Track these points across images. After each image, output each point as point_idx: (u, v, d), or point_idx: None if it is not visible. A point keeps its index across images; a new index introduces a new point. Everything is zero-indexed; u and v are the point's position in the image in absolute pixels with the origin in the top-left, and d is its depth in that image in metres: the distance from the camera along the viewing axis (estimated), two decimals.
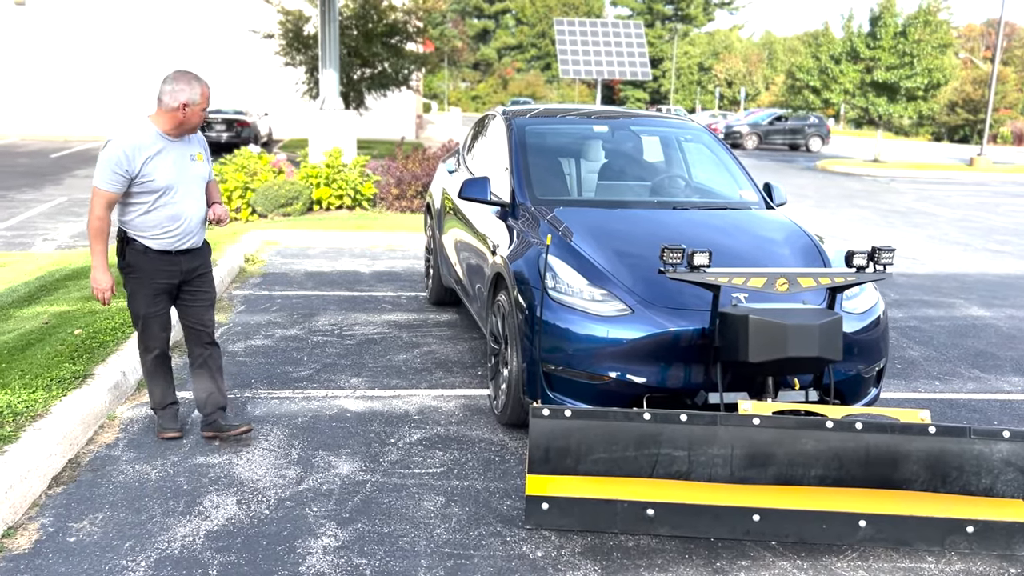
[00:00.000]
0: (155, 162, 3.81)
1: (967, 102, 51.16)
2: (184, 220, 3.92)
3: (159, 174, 3.82)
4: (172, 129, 3.86)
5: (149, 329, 4.03)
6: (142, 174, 3.78)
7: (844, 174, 24.68)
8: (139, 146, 3.78)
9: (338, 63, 13.55)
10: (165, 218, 3.88)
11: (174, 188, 3.87)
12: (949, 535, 3.34)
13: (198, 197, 3.99)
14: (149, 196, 3.84)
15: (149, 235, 3.89)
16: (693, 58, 75.87)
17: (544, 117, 5.96)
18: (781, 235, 4.67)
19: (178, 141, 3.92)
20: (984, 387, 5.46)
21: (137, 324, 4.04)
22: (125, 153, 3.74)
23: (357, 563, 3.12)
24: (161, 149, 3.84)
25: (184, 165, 3.92)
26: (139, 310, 3.98)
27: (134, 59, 32.00)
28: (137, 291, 3.96)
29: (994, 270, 9.85)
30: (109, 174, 3.75)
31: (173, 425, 4.15)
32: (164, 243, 3.92)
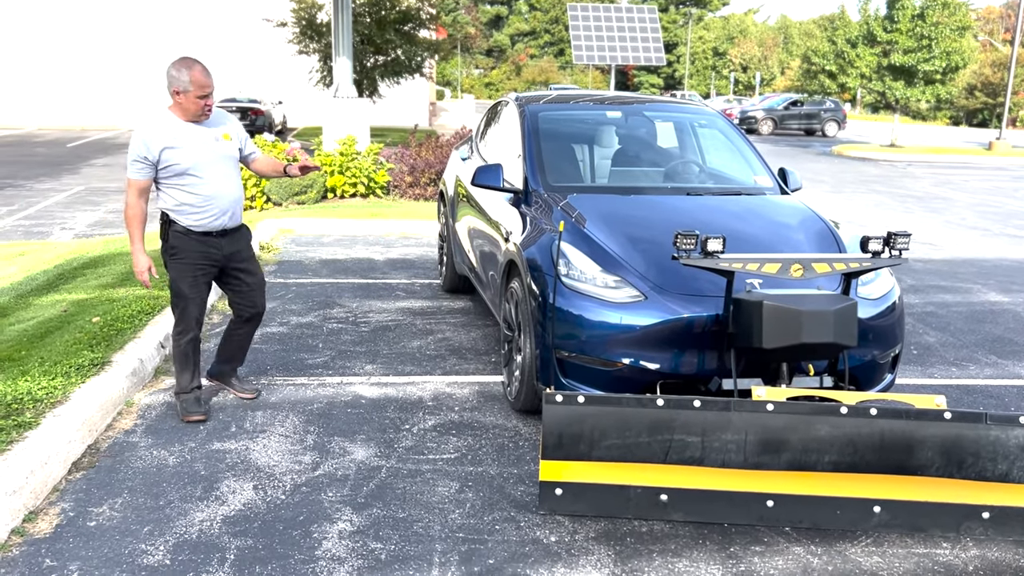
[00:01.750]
0: (174, 147, 3.94)
1: (986, 85, 50.53)
2: (216, 198, 4.04)
3: (180, 157, 3.95)
4: (182, 115, 3.98)
5: (187, 312, 4.15)
6: (163, 159, 3.94)
7: (860, 159, 24.46)
8: (156, 133, 3.93)
9: (351, 51, 13.55)
10: (197, 198, 4.01)
11: (200, 168, 3.99)
12: (965, 521, 3.33)
13: (228, 175, 4.12)
14: (176, 179, 3.98)
15: (186, 216, 4.04)
16: (708, 43, 75.28)
17: (557, 103, 5.94)
18: (796, 220, 4.64)
19: (199, 125, 4.02)
20: (1001, 373, 5.43)
21: (176, 307, 4.16)
22: (144, 142, 3.92)
23: (372, 547, 3.15)
24: (179, 134, 3.96)
25: (208, 146, 4.04)
26: (181, 292, 4.12)
27: (149, 48, 32.10)
28: (180, 274, 4.10)
29: (1012, 255, 9.75)
30: (133, 163, 3.95)
31: (197, 408, 4.24)
32: (201, 223, 4.05)
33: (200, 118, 4.00)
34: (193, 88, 3.89)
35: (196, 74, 3.89)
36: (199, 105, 3.93)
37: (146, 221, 4.11)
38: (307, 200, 11.26)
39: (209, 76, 3.93)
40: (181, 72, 3.88)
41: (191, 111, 3.95)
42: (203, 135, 4.02)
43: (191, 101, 3.91)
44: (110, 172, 17.56)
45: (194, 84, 3.88)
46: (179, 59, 3.95)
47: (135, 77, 32.02)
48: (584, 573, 3.02)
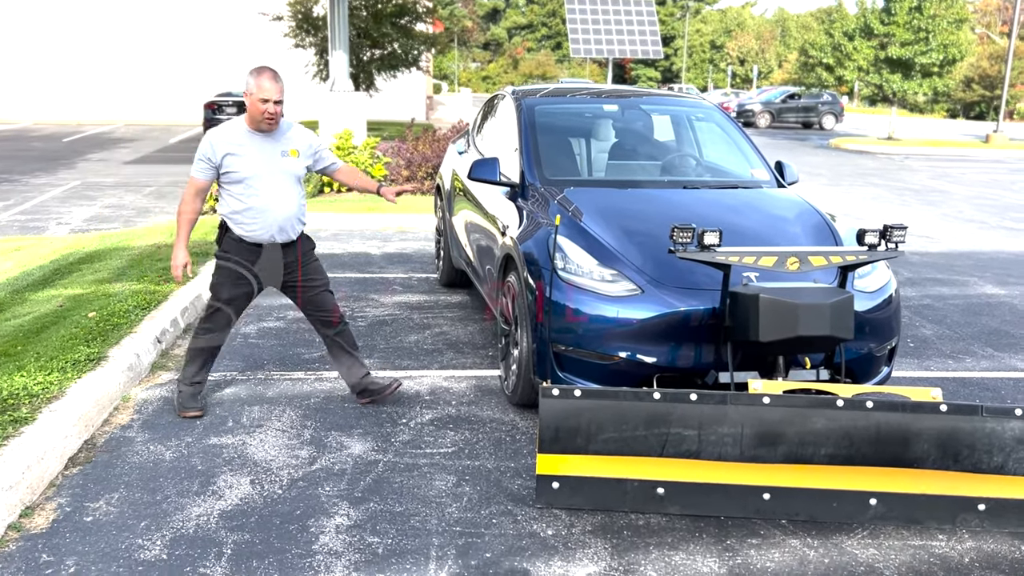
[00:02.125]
0: (238, 155, 4.00)
1: (983, 78, 50.52)
2: (267, 212, 4.06)
3: (240, 165, 4.00)
4: (249, 122, 4.04)
5: (218, 316, 4.20)
6: (224, 164, 4.01)
7: (858, 152, 24.46)
8: (224, 139, 4.01)
9: (347, 44, 13.51)
10: (248, 208, 4.06)
11: (257, 180, 4.03)
12: (960, 513, 3.34)
13: (285, 191, 4.10)
14: (233, 186, 4.05)
15: (237, 224, 4.10)
16: (705, 36, 75.16)
17: (554, 96, 5.92)
18: (792, 214, 4.64)
19: (267, 137, 4.07)
20: (998, 365, 5.44)
21: (209, 307, 4.24)
22: (211, 144, 4.01)
23: (369, 541, 3.15)
24: (244, 142, 4.02)
25: (271, 159, 4.06)
26: (218, 296, 4.19)
27: (146, 43, 32.03)
28: (221, 279, 4.16)
29: (1009, 248, 9.76)
30: (197, 163, 4.04)
31: (194, 404, 4.25)
32: (250, 233, 4.09)
33: (261, 125, 4.02)
34: (256, 91, 3.92)
35: (262, 79, 3.93)
36: (260, 110, 3.96)
37: (196, 221, 4.14)
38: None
39: (276, 83, 3.95)
40: (251, 76, 3.96)
41: (254, 117, 3.99)
42: (268, 148, 4.06)
43: (254, 105, 3.95)
44: (106, 167, 17.52)
45: (258, 88, 3.92)
46: (255, 67, 4.02)
47: (132, 72, 31.93)
48: (581, 566, 3.03)
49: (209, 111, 24.60)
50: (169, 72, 31.85)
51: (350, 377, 4.42)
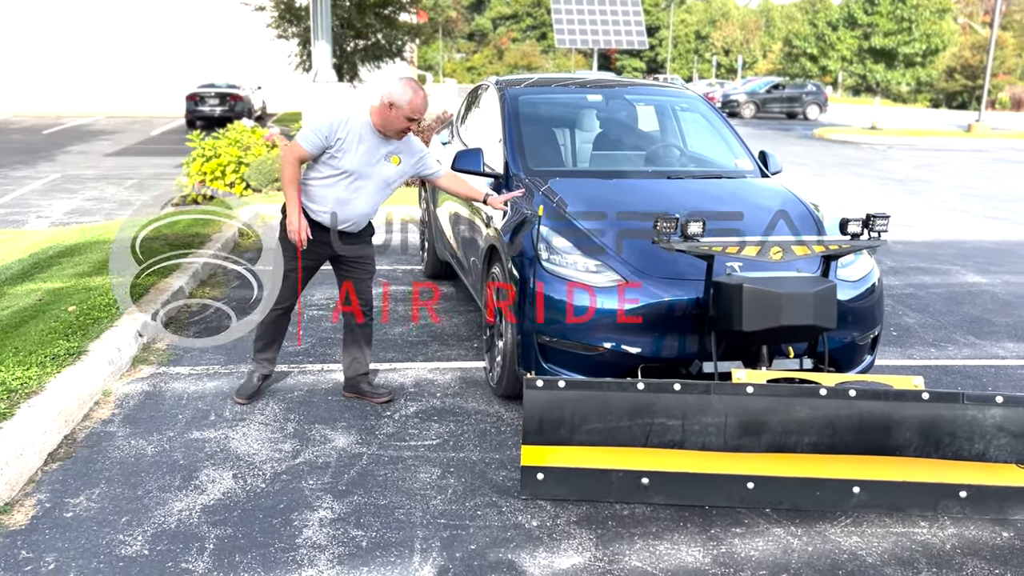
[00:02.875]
0: (350, 145, 3.95)
1: (965, 68, 50.82)
2: (350, 209, 4.06)
3: (347, 158, 3.96)
4: (377, 123, 3.99)
5: (284, 286, 4.18)
6: (335, 149, 3.95)
7: (842, 142, 24.55)
8: (345, 123, 3.94)
9: (330, 35, 13.40)
10: (334, 199, 4.03)
11: (355, 177, 4.01)
12: (942, 500, 3.36)
13: (371, 193, 4.10)
14: (330, 171, 4.00)
15: (314, 205, 4.06)
16: (690, 26, 75.17)
17: (537, 87, 5.90)
18: (776, 203, 4.64)
19: (382, 138, 4.04)
20: (979, 353, 5.47)
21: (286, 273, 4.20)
22: (332, 122, 3.94)
23: (353, 535, 3.14)
24: (362, 138, 3.97)
25: (375, 161, 4.04)
26: (284, 265, 4.16)
27: (127, 34, 31.69)
28: (286, 248, 4.12)
29: (991, 237, 9.84)
30: (310, 134, 3.95)
31: (247, 390, 4.31)
32: (323, 219, 4.08)
33: (389, 135, 4.02)
34: (406, 109, 3.89)
35: (417, 100, 3.89)
36: (402, 127, 3.96)
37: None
38: None
39: (426, 108, 3.95)
40: (406, 91, 3.88)
41: (388, 126, 3.97)
42: (378, 150, 4.04)
43: (397, 119, 3.92)
44: (87, 159, 17.35)
45: (409, 107, 3.88)
46: (409, 79, 3.97)
47: (112, 63, 31.59)
48: (566, 557, 3.03)
49: (191, 103, 24.40)
50: (150, 63, 31.54)
51: (349, 369, 4.40)
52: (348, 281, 4.29)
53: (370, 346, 4.45)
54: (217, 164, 11.15)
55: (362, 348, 4.39)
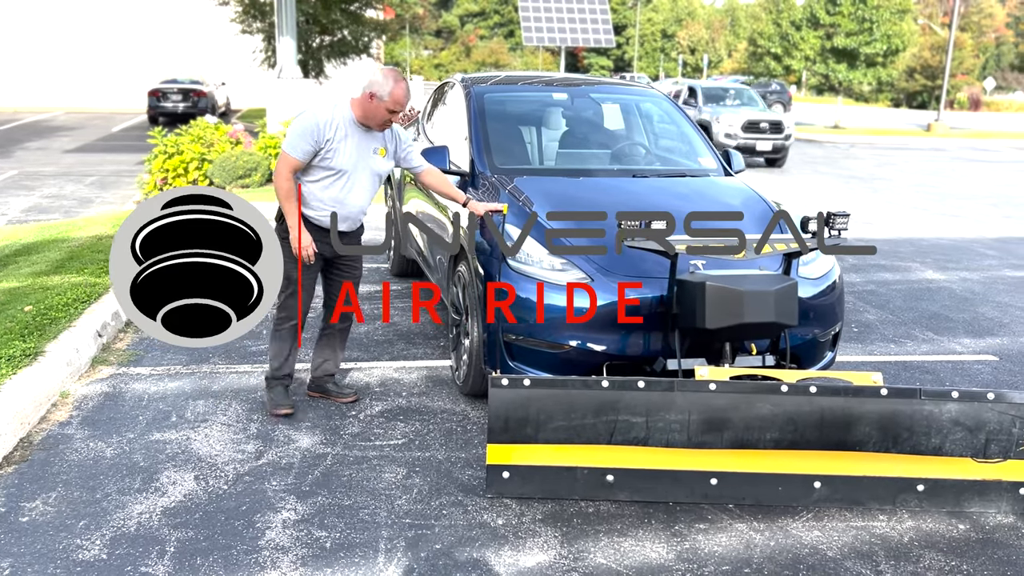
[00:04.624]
0: (339, 143, 3.91)
1: (925, 68, 51.76)
2: (342, 205, 4.01)
3: (339, 157, 3.91)
4: (359, 116, 3.93)
5: (294, 296, 4.07)
6: (325, 150, 3.89)
7: (805, 140, 24.88)
8: (330, 122, 3.88)
9: (295, 30, 13.28)
10: (330, 199, 3.98)
11: (348, 174, 3.96)
12: (900, 494, 3.42)
13: (365, 188, 4.07)
14: (324, 173, 3.94)
15: (312, 209, 4.00)
16: (656, 25, 75.63)
17: (503, 85, 5.89)
18: (739, 201, 4.69)
19: (366, 131, 3.98)
20: (937, 349, 5.58)
21: (282, 291, 4.04)
22: (318, 125, 3.85)
23: (317, 536, 3.11)
24: (348, 134, 3.93)
25: (364, 156, 4.00)
26: (289, 276, 4.02)
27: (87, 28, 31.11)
28: (289, 257, 3.98)
29: (949, 234, 10.04)
30: (298, 141, 3.85)
31: (286, 400, 4.17)
32: (315, 217, 4.01)
33: (372, 128, 3.96)
34: (388, 101, 3.84)
35: (399, 91, 3.84)
36: (383, 118, 3.91)
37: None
38: (252, 184, 11.05)
39: (408, 98, 3.89)
40: (387, 80, 3.84)
41: (370, 118, 3.91)
42: (365, 144, 4.00)
43: (378, 110, 3.87)
44: (45, 156, 17.00)
45: (391, 98, 3.84)
46: (391, 70, 3.93)
47: (72, 57, 30.99)
48: (531, 555, 3.03)
49: (153, 99, 24.03)
50: (111, 58, 30.98)
51: (318, 369, 4.35)
52: (348, 281, 4.23)
53: (344, 347, 4.42)
54: (180, 161, 10.99)
55: (335, 350, 4.35)
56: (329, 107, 3.92)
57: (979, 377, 5.07)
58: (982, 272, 7.96)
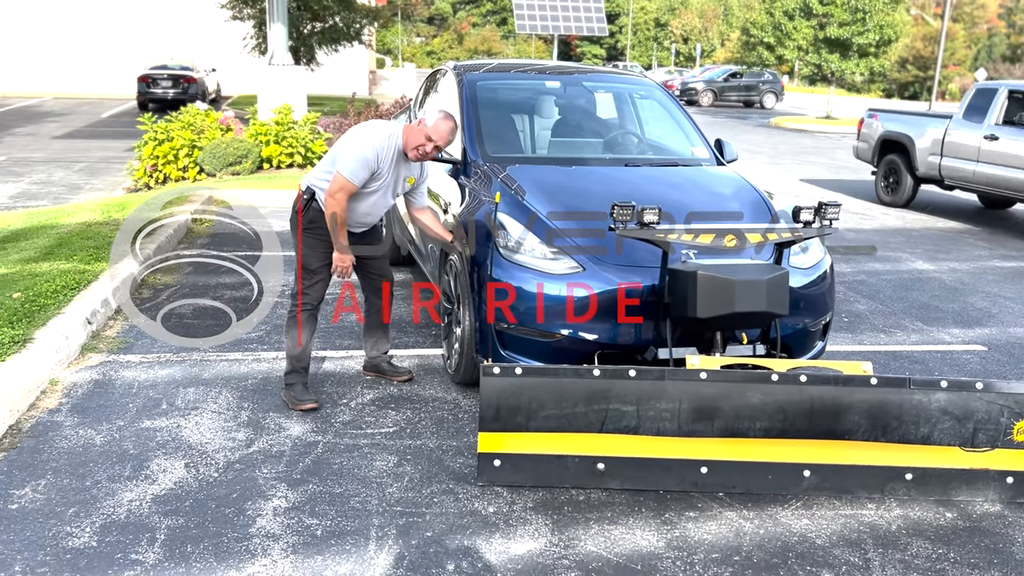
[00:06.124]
0: (386, 170, 4.01)
1: (917, 59, 51.84)
2: (365, 216, 4.14)
3: (382, 180, 4.03)
4: (406, 147, 4.01)
5: (315, 285, 4.14)
6: (375, 176, 3.98)
7: (797, 131, 24.90)
8: (386, 150, 3.98)
9: (286, 17, 13.17)
10: (352, 209, 4.04)
11: (377, 195, 4.08)
12: (889, 482, 3.44)
13: (387, 207, 4.24)
14: (361, 191, 4.01)
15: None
16: (649, 14, 75.39)
17: (496, 72, 5.87)
18: (730, 191, 4.69)
19: (406, 161, 4.09)
20: (926, 339, 5.61)
21: (305, 279, 4.12)
22: (377, 154, 3.94)
23: (308, 523, 3.11)
24: (394, 160, 4.04)
25: (397, 182, 4.14)
26: (311, 265, 4.10)
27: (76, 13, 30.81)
28: (313, 249, 4.09)
29: (939, 225, 10.07)
30: (358, 169, 3.91)
31: (308, 396, 4.15)
32: (351, 228, 4.13)
33: (410, 156, 4.03)
34: (437, 139, 3.96)
35: (443, 126, 3.97)
36: (417, 143, 3.97)
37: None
38: (242, 171, 10.98)
39: (450, 139, 4.02)
40: (448, 122, 3.98)
41: (412, 146, 3.98)
42: (403, 171, 4.13)
43: (418, 134, 3.96)
44: (35, 141, 16.86)
45: (433, 127, 3.95)
46: (449, 115, 4.05)
47: (61, 42, 30.69)
48: (522, 543, 3.04)
49: (143, 84, 23.84)
50: (101, 43, 30.70)
51: (373, 348, 4.50)
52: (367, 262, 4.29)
53: (389, 328, 4.55)
54: (170, 148, 10.92)
55: (384, 327, 4.48)
56: (385, 135, 4.00)
57: (968, 367, 5.10)
58: (972, 262, 8.00)
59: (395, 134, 4.02)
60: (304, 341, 4.14)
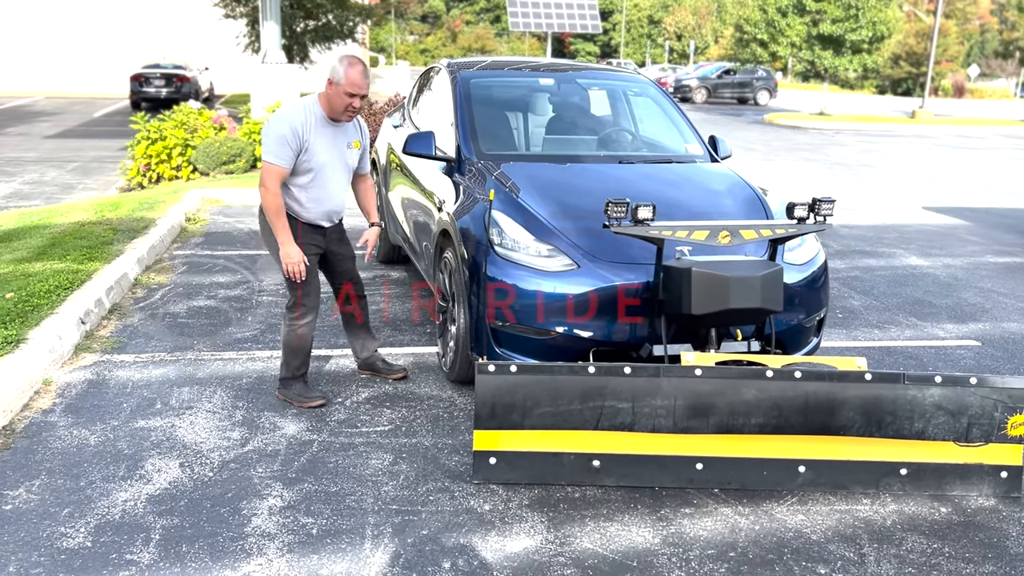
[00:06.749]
0: (315, 141, 3.89)
1: (910, 55, 51.94)
2: (325, 202, 4.03)
3: (317, 155, 3.91)
4: (327, 110, 3.91)
5: (308, 296, 4.08)
6: (304, 151, 3.87)
7: (791, 127, 24.94)
8: (304, 122, 3.86)
9: (279, 15, 13.15)
10: (308, 198, 3.98)
11: (325, 171, 3.96)
12: (884, 478, 3.45)
13: (343, 183, 4.10)
14: (306, 175, 3.93)
15: (307, 211, 4.01)
16: (643, 11, 75.41)
17: (490, 70, 5.86)
18: (725, 188, 4.69)
19: (337, 126, 3.98)
20: (920, 334, 5.62)
21: (294, 290, 4.05)
22: (293, 127, 3.82)
23: (304, 522, 3.11)
24: (321, 129, 3.92)
25: (339, 150, 4.02)
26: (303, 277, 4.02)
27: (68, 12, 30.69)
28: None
29: (933, 221, 10.10)
30: (279, 149, 3.81)
31: (313, 393, 4.17)
32: (311, 218, 4.04)
33: (342, 118, 3.93)
34: (345, 84, 3.80)
35: (354, 73, 3.81)
36: (346, 103, 3.85)
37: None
38: (236, 170, 10.96)
39: (366, 78, 3.85)
40: (342, 64, 3.82)
41: (335, 107, 3.87)
42: (338, 138, 4.00)
43: (339, 96, 3.83)
44: (26, 141, 16.80)
45: (347, 81, 3.80)
46: (349, 55, 3.92)
47: (53, 42, 30.59)
48: (518, 540, 3.04)
49: (136, 84, 23.77)
50: (93, 42, 30.59)
51: (363, 349, 4.47)
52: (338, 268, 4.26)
53: (368, 320, 4.50)
54: (163, 147, 10.90)
55: (366, 327, 4.46)
56: (300, 107, 3.90)
57: (962, 362, 5.11)
58: (965, 258, 8.02)
59: (309, 104, 3.92)
60: (305, 347, 4.13)
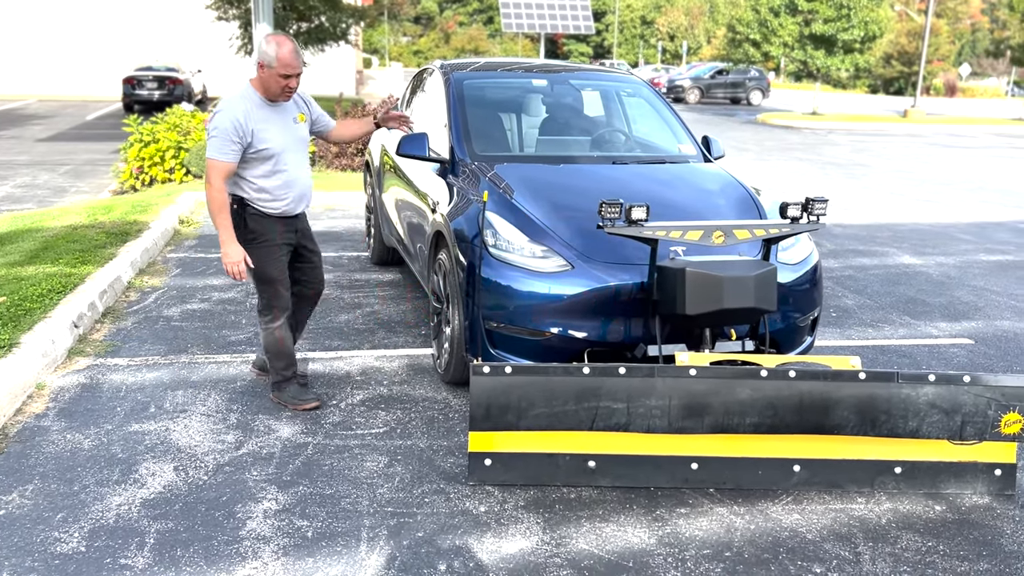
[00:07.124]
0: (263, 129, 3.79)
1: (902, 54, 52.09)
2: (295, 184, 3.94)
3: (269, 140, 3.81)
4: (263, 94, 3.83)
5: (279, 296, 4.02)
6: (254, 140, 3.77)
7: (783, 127, 24.99)
8: (248, 113, 3.75)
9: (272, 17, 13.11)
10: (280, 185, 3.88)
11: (283, 152, 3.87)
12: (878, 476, 3.46)
13: (304, 160, 4.02)
14: (263, 164, 3.83)
15: (267, 201, 3.89)
16: (636, 11, 75.52)
17: (483, 71, 5.86)
18: (718, 187, 4.70)
19: (278, 106, 3.89)
20: (914, 333, 5.64)
21: (266, 291, 3.99)
22: (236, 120, 3.71)
23: (299, 525, 3.10)
24: (266, 116, 3.82)
25: (289, 129, 3.92)
26: (268, 276, 3.97)
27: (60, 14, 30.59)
28: (264, 258, 3.93)
29: (926, 219, 10.13)
30: (223, 144, 3.70)
31: (307, 395, 4.14)
32: (281, 208, 3.94)
33: (280, 99, 3.85)
34: (278, 66, 3.72)
35: (284, 53, 3.72)
36: (280, 84, 3.78)
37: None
38: None
39: (298, 58, 3.76)
40: (271, 46, 3.73)
41: (271, 90, 3.79)
42: (284, 117, 3.91)
43: (273, 79, 3.75)
44: (18, 144, 16.74)
45: (279, 62, 3.71)
46: (275, 33, 3.82)
47: (45, 44, 30.48)
48: (514, 542, 3.04)
49: (128, 86, 23.71)
50: (85, 44, 30.50)
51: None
52: (306, 270, 4.20)
53: (305, 324, 4.43)
54: (156, 150, 10.86)
55: (300, 329, 4.39)
56: (238, 99, 3.79)
57: (955, 360, 5.13)
58: (958, 256, 8.05)
59: (245, 93, 3.82)
60: (288, 347, 4.09)
